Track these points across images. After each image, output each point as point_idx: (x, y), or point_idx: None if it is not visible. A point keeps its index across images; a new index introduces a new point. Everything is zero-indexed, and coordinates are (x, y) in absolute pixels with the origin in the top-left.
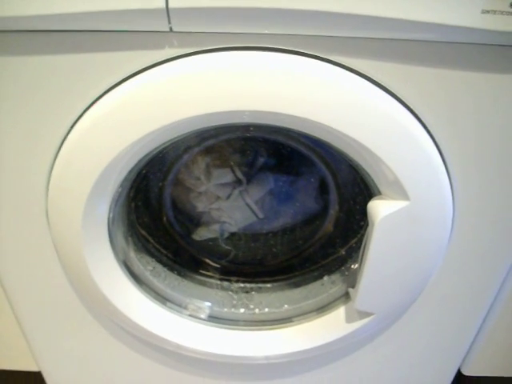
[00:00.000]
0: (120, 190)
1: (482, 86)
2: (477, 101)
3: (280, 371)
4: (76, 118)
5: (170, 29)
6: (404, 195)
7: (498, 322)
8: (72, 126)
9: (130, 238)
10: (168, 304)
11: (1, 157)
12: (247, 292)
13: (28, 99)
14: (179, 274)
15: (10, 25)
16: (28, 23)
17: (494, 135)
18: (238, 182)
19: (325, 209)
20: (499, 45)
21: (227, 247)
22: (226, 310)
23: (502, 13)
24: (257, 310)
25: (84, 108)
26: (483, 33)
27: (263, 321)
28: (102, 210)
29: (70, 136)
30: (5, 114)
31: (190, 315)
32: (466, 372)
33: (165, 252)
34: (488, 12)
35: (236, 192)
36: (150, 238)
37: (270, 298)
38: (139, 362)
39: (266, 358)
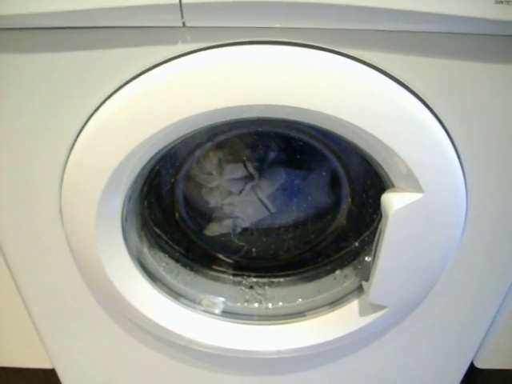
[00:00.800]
0: (133, 186)
1: (495, 77)
2: (490, 91)
3: (293, 365)
4: (89, 114)
5: (183, 24)
6: (417, 187)
7: (511, 315)
8: (85, 123)
9: (143, 235)
10: (181, 299)
11: (14, 155)
12: (260, 287)
13: (42, 97)
14: (192, 269)
15: (25, 22)
16: (42, 20)
17: (507, 126)
18: (250, 176)
19: (337, 202)
20: None
21: (240, 242)
22: (239, 304)
23: None
24: (270, 305)
25: (97, 105)
26: (497, 23)
27: (276, 315)
28: (116, 208)
29: (83, 133)
30: (19, 112)
31: (203, 310)
32: (479, 365)
33: (178, 248)
34: (502, 2)
35: (248, 187)
36: (162, 235)
37: (283, 293)
38: (152, 357)
39: (279, 352)
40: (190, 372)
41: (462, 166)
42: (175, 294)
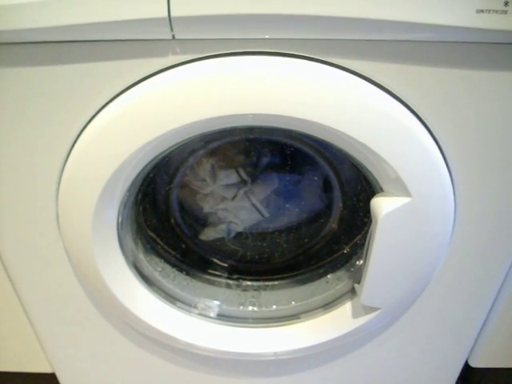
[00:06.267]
0: (128, 194)
1: (478, 83)
2: (474, 97)
3: (289, 367)
4: (83, 125)
5: (173, 36)
6: (406, 192)
7: (503, 314)
8: (79, 134)
9: (138, 240)
10: (177, 303)
11: (11, 164)
12: (255, 290)
13: (36, 109)
14: (188, 273)
15: (19, 37)
16: (36, 35)
17: (491, 130)
18: (243, 182)
19: (329, 207)
20: (495, 43)
21: (234, 247)
22: (234, 308)
23: (496, 12)
24: (264, 308)
25: (91, 116)
26: (479, 32)
27: (271, 318)
28: (111, 214)
29: (77, 143)
30: (15, 123)
31: (199, 314)
32: (474, 364)
33: (173, 253)
34: (483, 11)
35: (241, 192)
36: (158, 240)
37: (277, 296)
38: (151, 361)
39: (275, 354)
40: (188, 375)
41: (449, 170)
42: (171, 298)
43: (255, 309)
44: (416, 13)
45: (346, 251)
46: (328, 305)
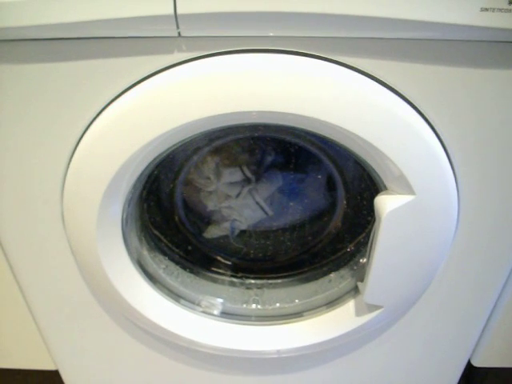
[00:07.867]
0: (133, 191)
1: (482, 82)
2: (477, 96)
3: (291, 365)
4: (88, 123)
5: (179, 34)
6: (409, 190)
7: (506, 313)
8: (84, 131)
9: (143, 238)
10: (181, 301)
11: (16, 162)
12: (258, 288)
13: (42, 106)
14: (192, 271)
15: (25, 34)
16: (41, 32)
17: (494, 128)
18: (247, 180)
19: (333, 205)
20: (498, 41)
21: (238, 245)
22: (237, 305)
23: (500, 10)
24: (268, 306)
25: (96, 113)
26: (482, 30)
27: (274, 316)
28: (116, 212)
29: (82, 140)
30: (19, 121)
31: (202, 312)
32: (476, 363)
33: (177, 250)
34: (487, 10)
35: (245, 190)
36: (162, 237)
37: (280, 294)
38: (154, 358)
39: (278, 352)
40: (191, 372)
41: (453, 169)
42: (175, 295)
43: (258, 306)
44: (420, 11)
45: (349, 249)
46: (331, 303)
